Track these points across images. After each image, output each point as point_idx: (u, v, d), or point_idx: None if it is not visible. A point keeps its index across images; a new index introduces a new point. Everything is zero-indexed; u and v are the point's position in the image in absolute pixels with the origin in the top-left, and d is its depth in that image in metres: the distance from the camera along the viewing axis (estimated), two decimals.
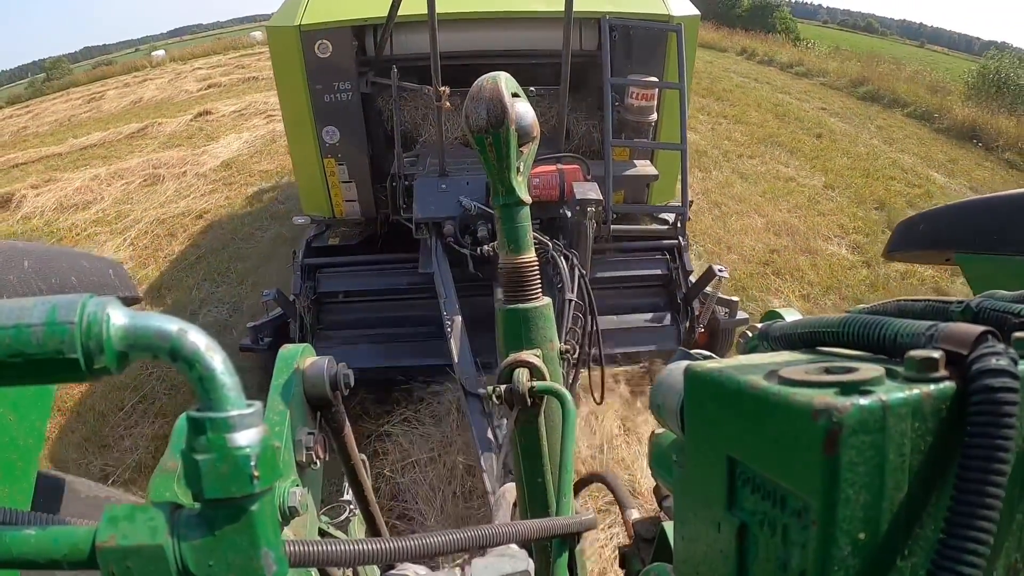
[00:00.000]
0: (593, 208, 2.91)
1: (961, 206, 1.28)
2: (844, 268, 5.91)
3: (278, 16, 3.77)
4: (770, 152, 9.43)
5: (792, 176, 8.45)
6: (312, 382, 0.87)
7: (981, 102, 12.54)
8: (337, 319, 3.70)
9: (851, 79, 15.17)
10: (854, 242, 6.47)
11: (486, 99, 0.87)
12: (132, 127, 13.27)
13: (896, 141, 10.85)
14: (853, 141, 10.50)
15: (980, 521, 0.36)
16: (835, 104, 13.48)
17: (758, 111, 12.00)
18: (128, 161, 10.55)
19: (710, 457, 0.49)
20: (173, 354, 0.42)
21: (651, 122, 3.70)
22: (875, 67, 15.99)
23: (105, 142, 12.45)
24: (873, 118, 12.42)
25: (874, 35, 35.84)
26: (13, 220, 8.68)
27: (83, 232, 7.70)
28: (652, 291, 3.79)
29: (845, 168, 8.89)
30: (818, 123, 11.59)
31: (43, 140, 14.02)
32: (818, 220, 7.00)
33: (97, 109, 17.48)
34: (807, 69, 16.99)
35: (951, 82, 14.90)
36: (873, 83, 14.43)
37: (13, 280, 0.94)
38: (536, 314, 0.99)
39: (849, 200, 7.68)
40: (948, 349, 0.40)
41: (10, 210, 9.02)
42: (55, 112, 18.23)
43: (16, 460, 0.87)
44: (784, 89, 14.73)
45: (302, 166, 3.91)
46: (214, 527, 0.44)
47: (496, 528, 0.72)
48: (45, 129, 15.66)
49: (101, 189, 9.42)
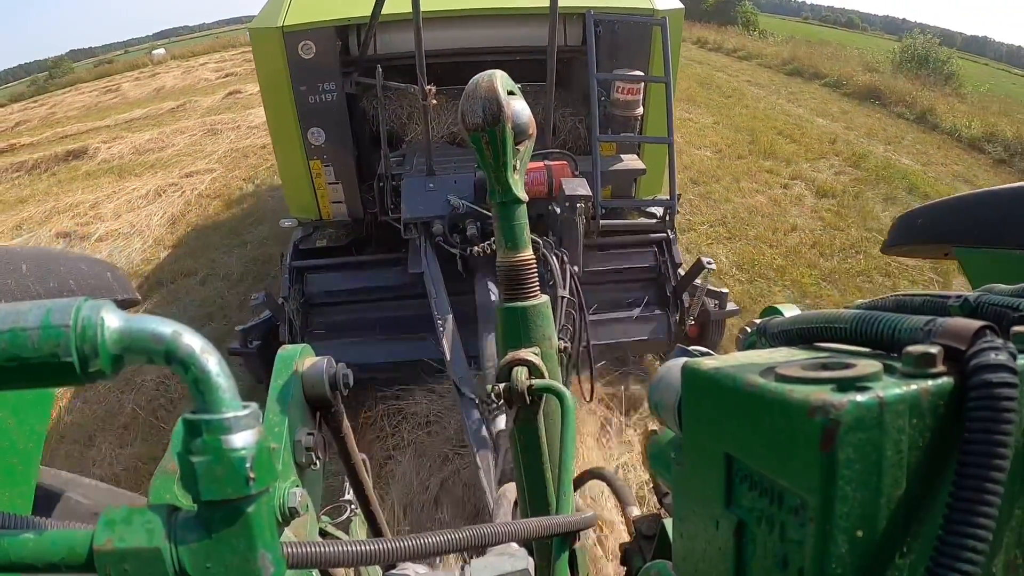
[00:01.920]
0: (582, 204, 2.91)
1: (960, 200, 1.28)
2: (703, 161, 8.59)
3: (260, 18, 3.75)
4: (681, 106, 11.03)
5: (690, 118, 10.64)
6: (311, 382, 0.87)
7: (903, 74, 14.78)
8: (327, 321, 3.69)
9: (782, 59, 17.39)
10: (716, 149, 9.09)
11: (481, 97, 0.87)
12: (170, 104, 14.97)
13: (801, 102, 12.83)
14: (759, 100, 12.64)
15: (979, 518, 0.36)
16: (761, 78, 15.61)
17: (687, 81, 13.37)
18: (182, 123, 12.42)
19: (708, 454, 0.49)
20: (168, 357, 0.42)
21: (637, 116, 3.69)
22: (806, 49, 18.31)
23: (148, 116, 14.01)
24: (790, 87, 14.51)
25: (855, 30, 36.12)
26: (93, 164, 10.47)
27: (171, 161, 9.79)
28: (642, 285, 3.79)
29: (740, 116, 11.05)
30: (735, 89, 13.61)
31: (81, 119, 15.30)
32: (696, 139, 9.46)
33: (122, 97, 18.59)
34: (748, 53, 19.21)
35: (881, 62, 16.89)
36: (799, 62, 16.68)
37: (11, 284, 0.94)
38: (534, 312, 0.99)
39: (728, 130, 10.08)
40: (946, 344, 0.39)
41: (86, 159, 10.76)
42: (75, 102, 19.05)
43: (16, 464, 0.87)
44: (721, 69, 16.88)
45: (288, 168, 3.89)
46: (211, 529, 0.44)
47: (496, 527, 0.71)
48: (75, 113, 16.80)
49: (169, 139, 11.34)
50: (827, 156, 8.92)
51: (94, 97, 19.44)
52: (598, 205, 3.29)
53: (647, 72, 3.68)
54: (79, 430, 3.85)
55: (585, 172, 3.23)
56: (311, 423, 0.89)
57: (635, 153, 3.93)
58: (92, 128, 13.25)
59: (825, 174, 8.14)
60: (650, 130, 3.85)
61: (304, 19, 3.46)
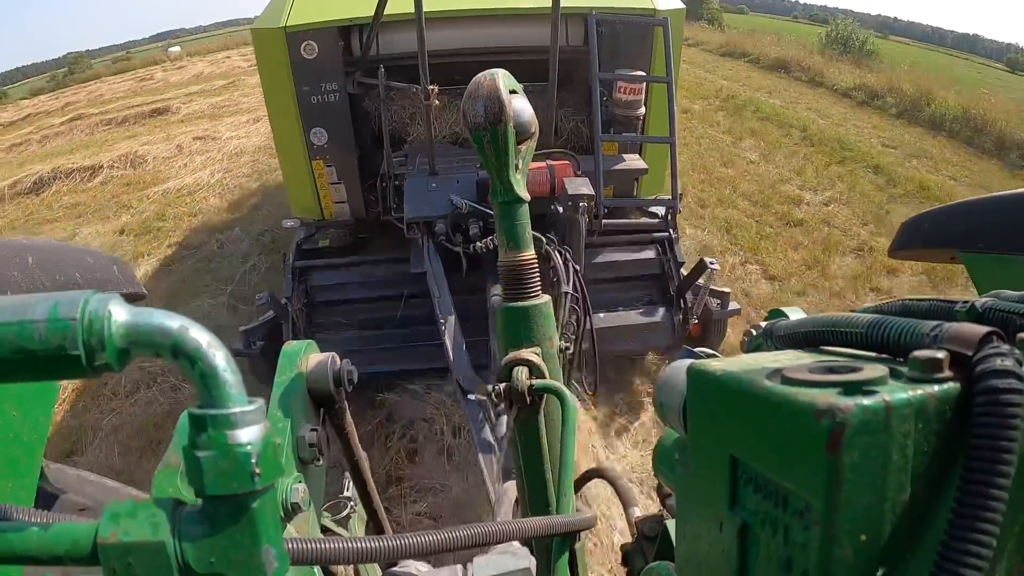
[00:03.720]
0: (585, 203, 2.91)
1: (967, 205, 1.27)
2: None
3: (263, 18, 3.74)
4: None
5: None
6: (315, 379, 0.87)
7: (825, 54, 17.53)
8: (330, 321, 3.69)
9: (719, 44, 20.17)
10: None
11: (484, 96, 0.87)
12: (221, 81, 16.30)
13: (717, 72, 15.74)
14: (685, 74, 13.82)
15: (983, 524, 0.36)
16: (698, 60, 17.58)
17: None
18: (243, 92, 14.17)
19: (713, 456, 0.49)
20: (175, 351, 0.42)
21: (639, 116, 3.68)
22: (746, 37, 20.96)
23: (204, 92, 15.19)
24: (718, 64, 17.30)
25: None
26: (176, 119, 12.12)
27: (249, 109, 11.67)
28: (644, 284, 3.78)
29: None
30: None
31: (135, 95, 16.78)
32: None
33: (164, 81, 19.74)
34: (696, 41, 21.11)
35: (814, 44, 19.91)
36: (732, 46, 19.48)
37: (17, 276, 0.94)
38: (536, 312, 0.99)
39: None
40: (953, 349, 0.39)
41: (169, 115, 12.58)
42: (115, 89, 20.04)
43: (20, 456, 0.88)
44: None
45: (290, 168, 3.89)
46: (216, 524, 0.44)
47: (497, 526, 0.71)
48: (121, 95, 17.91)
49: (241, 101, 13.08)
50: (708, 98, 12.23)
51: (133, 84, 20.31)
52: (600, 204, 3.28)
53: (649, 72, 3.68)
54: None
55: (587, 172, 3.22)
56: (315, 419, 0.89)
57: (637, 153, 3.92)
58: (155, 100, 14.60)
59: (698, 105, 11.51)
60: (652, 130, 3.84)
61: (307, 19, 3.46)
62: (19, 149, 12.39)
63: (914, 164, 8.74)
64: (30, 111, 17.97)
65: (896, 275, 5.43)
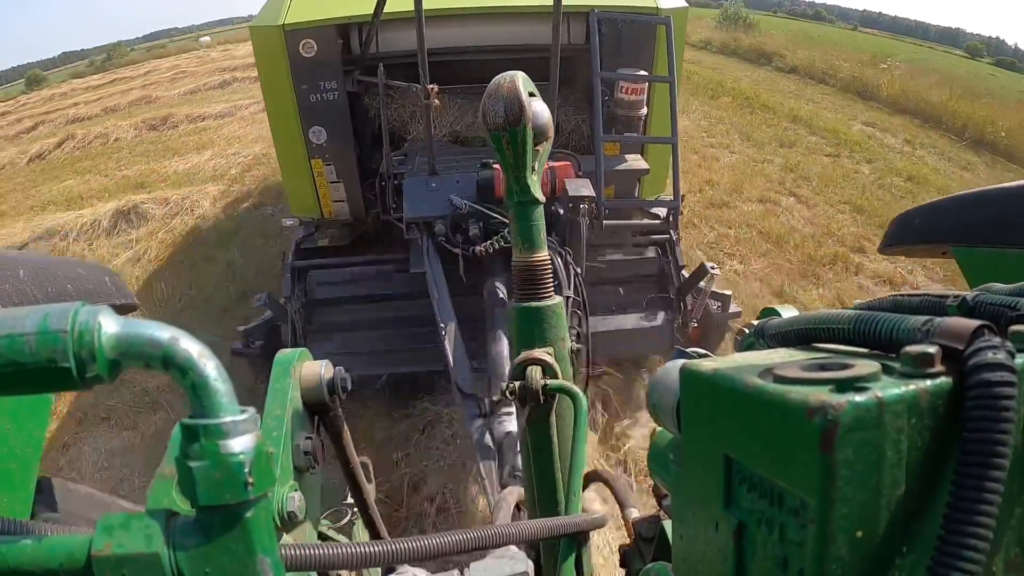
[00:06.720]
0: (586, 205, 2.90)
1: (957, 199, 1.28)
2: None
3: (261, 16, 3.73)
4: None
5: None
6: (309, 386, 0.86)
7: (724, 30, 22.19)
8: (329, 321, 3.67)
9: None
10: None
11: (504, 97, 0.87)
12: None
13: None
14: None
15: (979, 517, 0.36)
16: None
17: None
18: None
19: (707, 456, 0.49)
20: (166, 362, 0.42)
21: (641, 116, 3.67)
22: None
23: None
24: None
25: (822, 22, 37.53)
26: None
27: None
28: (644, 286, 3.77)
29: None
30: None
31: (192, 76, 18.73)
32: None
33: (222, 59, 21.48)
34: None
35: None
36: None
37: (8, 289, 0.94)
38: (549, 312, 0.99)
39: None
40: (944, 344, 0.39)
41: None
42: (177, 67, 21.69)
43: (15, 469, 0.87)
44: None
45: (289, 167, 3.87)
46: (209, 534, 0.44)
47: (505, 528, 0.71)
48: (194, 68, 20.41)
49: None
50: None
51: (189, 63, 21.93)
52: (602, 205, 3.28)
53: (651, 71, 3.66)
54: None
55: (588, 172, 3.21)
56: (309, 427, 0.88)
57: (638, 153, 3.91)
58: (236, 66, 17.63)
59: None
60: (654, 130, 3.83)
61: (305, 17, 3.44)
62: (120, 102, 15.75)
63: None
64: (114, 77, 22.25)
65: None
